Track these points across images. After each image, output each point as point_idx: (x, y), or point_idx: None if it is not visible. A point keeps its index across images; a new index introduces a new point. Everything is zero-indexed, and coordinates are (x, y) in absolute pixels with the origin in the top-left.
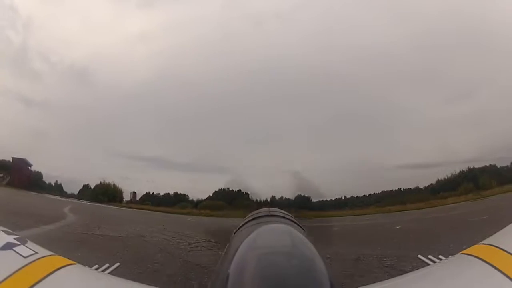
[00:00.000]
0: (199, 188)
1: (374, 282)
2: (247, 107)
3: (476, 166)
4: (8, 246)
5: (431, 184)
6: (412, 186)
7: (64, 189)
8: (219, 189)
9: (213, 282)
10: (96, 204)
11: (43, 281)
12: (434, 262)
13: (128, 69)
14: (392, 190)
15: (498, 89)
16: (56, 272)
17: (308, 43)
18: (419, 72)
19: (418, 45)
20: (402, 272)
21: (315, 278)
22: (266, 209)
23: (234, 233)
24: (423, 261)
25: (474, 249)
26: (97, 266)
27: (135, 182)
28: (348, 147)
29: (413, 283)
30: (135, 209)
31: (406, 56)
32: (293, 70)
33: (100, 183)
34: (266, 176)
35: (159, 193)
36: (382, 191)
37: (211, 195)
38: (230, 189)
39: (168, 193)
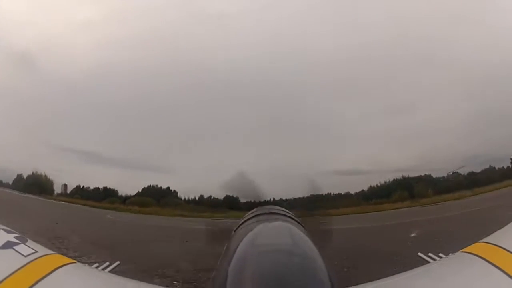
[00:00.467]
0: (130, 184)
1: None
2: (185, 106)
3: (411, 175)
4: (9, 245)
5: (363, 190)
6: (343, 192)
7: None
8: (148, 186)
9: (214, 280)
10: (26, 195)
11: (43, 280)
12: (434, 260)
13: (70, 58)
14: (322, 194)
15: (437, 105)
16: (56, 271)
17: (250, 47)
18: (362, 83)
19: (364, 56)
20: None
21: (315, 276)
22: (266, 206)
23: (234, 231)
24: (423, 258)
25: (474, 247)
26: (97, 264)
27: (67, 175)
28: (282, 151)
29: (413, 281)
30: (62, 202)
31: (350, 66)
32: (233, 72)
33: (33, 173)
34: (197, 176)
35: (89, 187)
36: (311, 195)
37: (140, 191)
38: (159, 186)
39: (98, 188)
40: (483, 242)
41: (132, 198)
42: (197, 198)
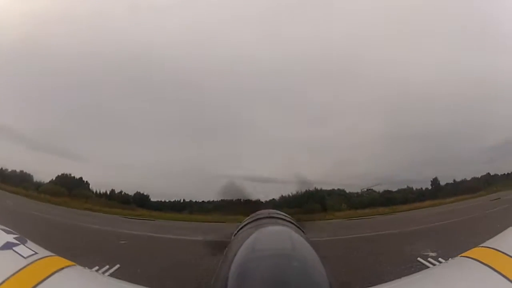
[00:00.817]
0: (46, 170)
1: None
2: (110, 94)
3: (324, 188)
4: (8, 246)
5: (273, 199)
6: (253, 199)
7: None
8: (62, 174)
9: (213, 284)
10: None
11: (43, 283)
12: (434, 264)
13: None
14: (233, 200)
15: (353, 121)
16: (56, 274)
17: (177, 44)
18: (283, 93)
19: (285, 68)
20: None
21: (315, 280)
22: (265, 211)
23: (234, 235)
24: (423, 263)
25: (473, 252)
26: (97, 267)
27: None
28: (198, 151)
29: (413, 285)
30: None
31: (271, 75)
32: (161, 67)
33: None
34: (111, 169)
35: (7, 169)
36: (221, 200)
37: (53, 179)
38: (72, 175)
39: (15, 170)
40: (482, 246)
41: (45, 185)
42: (108, 192)
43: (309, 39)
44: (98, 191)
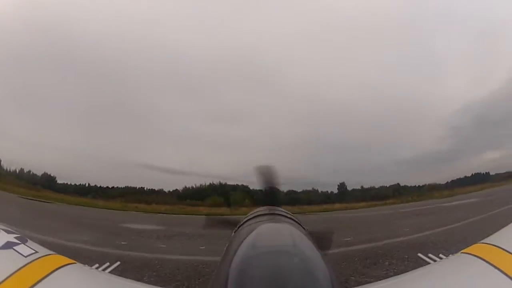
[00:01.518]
0: None
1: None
2: (30, 68)
3: (229, 183)
4: (9, 245)
5: (177, 189)
6: (156, 188)
7: None
8: None
9: (214, 281)
10: None
11: (43, 281)
12: (435, 261)
13: None
14: (136, 188)
15: (266, 123)
16: (56, 272)
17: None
18: (199, 88)
19: (206, 60)
20: None
21: (316, 277)
22: (266, 207)
23: (235, 232)
24: (424, 259)
25: (474, 248)
26: (97, 265)
27: None
28: (107, 137)
29: (413, 281)
30: None
31: (190, 67)
32: (75, 44)
33: None
34: (22, 145)
35: None
36: (126, 186)
37: None
38: None
39: None
40: (483, 243)
41: None
42: (17, 171)
43: (238, 34)
44: (8, 169)
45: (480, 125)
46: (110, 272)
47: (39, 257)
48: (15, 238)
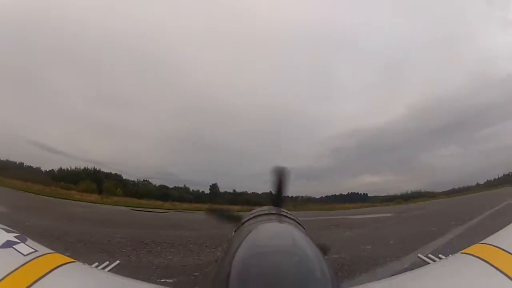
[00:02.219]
0: None
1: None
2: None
3: (103, 170)
4: (8, 244)
5: (53, 170)
6: (34, 166)
7: None
8: None
9: (214, 280)
10: None
11: (43, 279)
12: (434, 261)
13: None
14: (16, 162)
15: (147, 113)
16: (56, 270)
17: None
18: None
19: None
20: None
21: (316, 277)
22: (266, 207)
23: (235, 231)
24: (423, 259)
25: (473, 249)
26: (96, 264)
27: None
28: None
29: (413, 281)
30: None
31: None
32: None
33: None
34: None
35: None
36: (6, 160)
37: None
38: None
39: None
40: (482, 243)
41: None
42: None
43: (145, 24)
44: None
45: (362, 151)
46: (109, 270)
47: (39, 256)
48: (15, 237)
